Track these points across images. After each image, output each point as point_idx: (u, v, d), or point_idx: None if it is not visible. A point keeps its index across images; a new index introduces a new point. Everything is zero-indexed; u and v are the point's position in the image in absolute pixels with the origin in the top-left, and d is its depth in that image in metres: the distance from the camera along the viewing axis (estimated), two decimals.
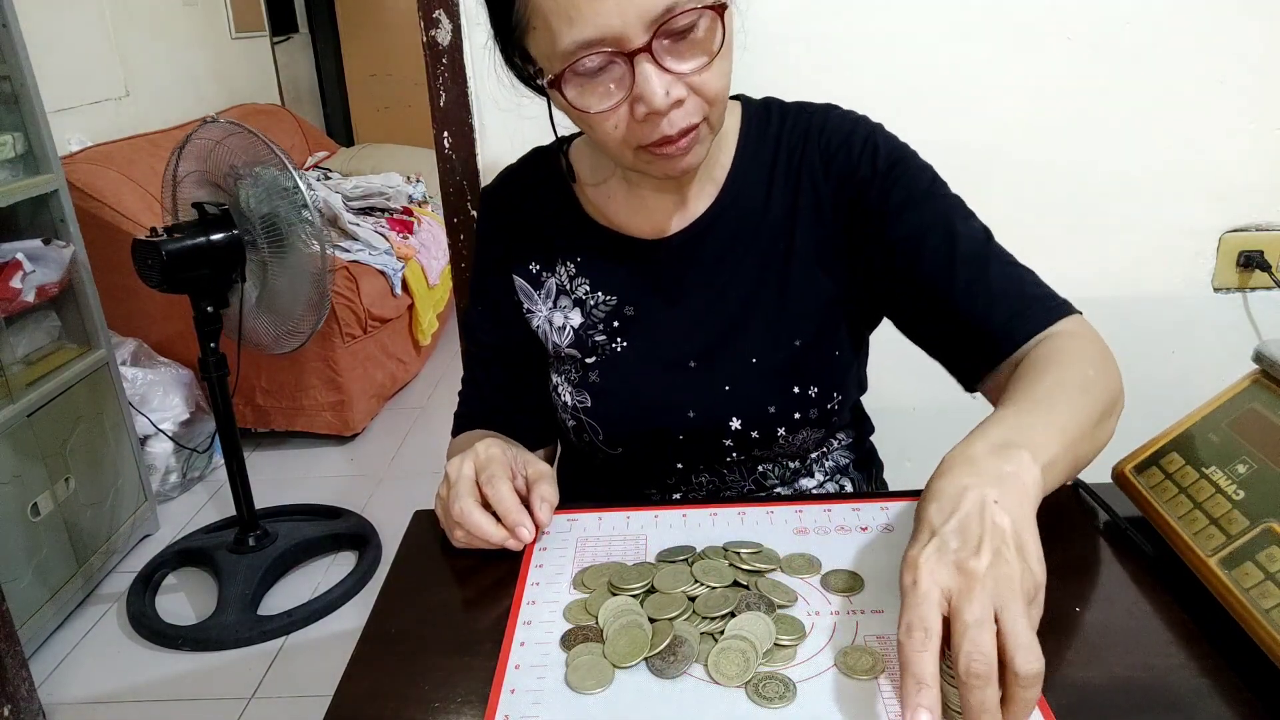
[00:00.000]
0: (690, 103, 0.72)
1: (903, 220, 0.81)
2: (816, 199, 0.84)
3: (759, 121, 0.88)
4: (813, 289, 0.85)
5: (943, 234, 0.80)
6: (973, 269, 0.79)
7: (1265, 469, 0.64)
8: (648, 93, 0.69)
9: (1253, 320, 1.32)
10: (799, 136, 0.86)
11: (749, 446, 0.87)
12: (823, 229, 0.84)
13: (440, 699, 0.58)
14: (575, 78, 0.70)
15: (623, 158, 0.76)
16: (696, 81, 0.71)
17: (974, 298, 0.78)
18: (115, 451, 2.26)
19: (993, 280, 0.79)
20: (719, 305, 0.86)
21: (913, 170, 0.83)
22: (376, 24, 5.14)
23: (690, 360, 0.86)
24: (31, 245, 2.03)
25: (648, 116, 0.71)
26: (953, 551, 0.53)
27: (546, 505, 0.73)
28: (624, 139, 0.73)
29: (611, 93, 0.71)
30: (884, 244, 0.82)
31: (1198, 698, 0.55)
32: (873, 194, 0.82)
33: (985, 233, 0.82)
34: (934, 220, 0.81)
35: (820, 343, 0.86)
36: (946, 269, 0.79)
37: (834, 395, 0.86)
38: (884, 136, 0.85)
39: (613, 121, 0.72)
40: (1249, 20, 1.17)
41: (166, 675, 1.92)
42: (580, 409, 0.89)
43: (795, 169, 0.85)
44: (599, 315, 0.88)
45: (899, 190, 0.82)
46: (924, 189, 0.83)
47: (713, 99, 0.73)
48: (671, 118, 0.71)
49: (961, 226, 0.81)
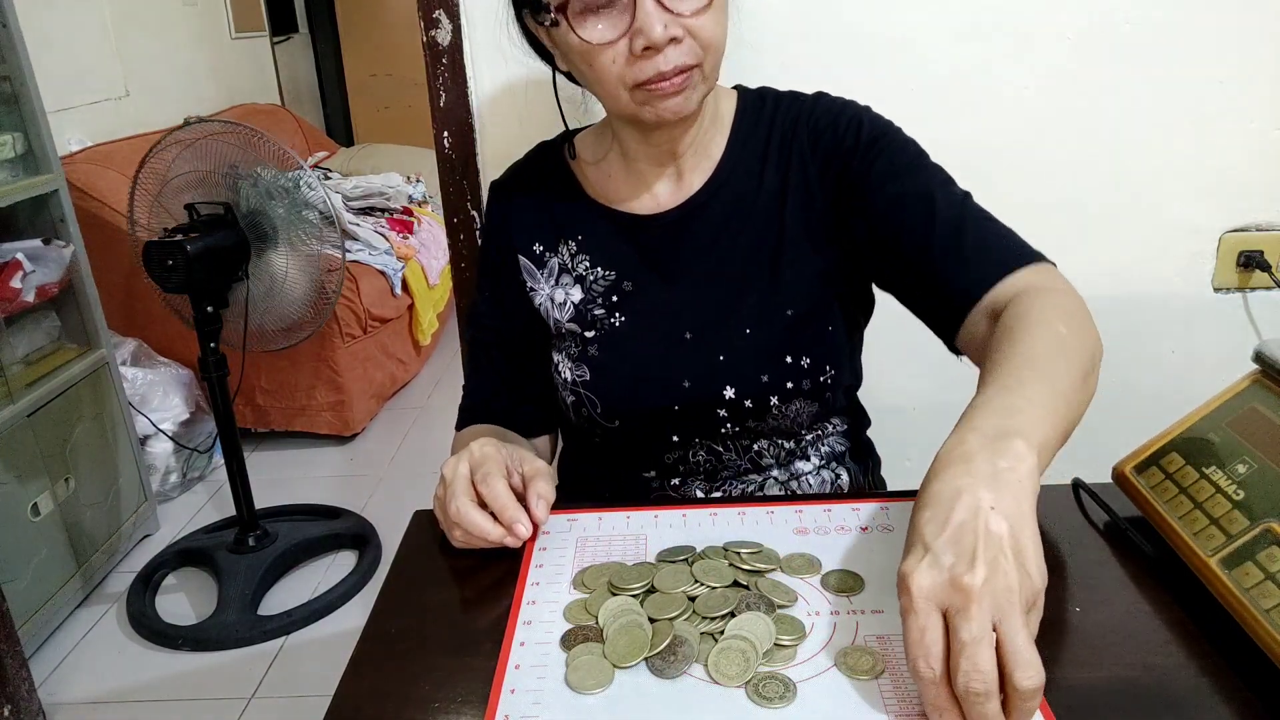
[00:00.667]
0: (686, 43, 0.77)
1: (884, 190, 0.84)
2: (805, 177, 0.88)
3: (754, 107, 0.92)
4: (804, 263, 0.88)
5: (922, 199, 0.83)
6: (948, 226, 0.81)
7: (1265, 469, 0.64)
8: (646, 25, 0.74)
9: (1253, 320, 1.32)
10: (790, 120, 0.90)
11: (743, 417, 0.88)
12: (811, 206, 0.88)
13: (440, 699, 0.58)
14: (579, 8, 0.76)
15: (619, 97, 0.80)
16: (693, 24, 0.76)
17: (947, 253, 0.80)
18: (115, 451, 2.26)
19: (966, 234, 0.81)
20: (714, 279, 0.89)
21: (896, 144, 0.86)
22: (376, 24, 5.13)
23: (685, 332, 0.89)
24: (31, 245, 2.03)
25: (645, 51, 0.75)
26: (947, 568, 0.52)
27: (543, 502, 0.74)
28: (621, 75, 0.78)
29: (613, 25, 0.76)
30: (867, 213, 0.85)
31: (1198, 698, 0.55)
32: (855, 164, 0.85)
33: (964, 195, 0.84)
34: (914, 188, 0.84)
35: (812, 315, 0.88)
36: (924, 229, 0.81)
37: (826, 368, 0.88)
38: (869, 114, 0.89)
39: (610, 55, 0.77)
40: (1249, 20, 1.17)
41: (166, 675, 1.92)
42: (579, 383, 0.91)
43: (786, 150, 0.89)
44: (598, 290, 0.91)
45: (882, 161, 0.85)
46: (907, 161, 0.86)
47: (707, 44, 0.78)
48: (667, 54, 0.76)
49: (940, 191, 0.83)
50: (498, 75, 1.20)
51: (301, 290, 2.06)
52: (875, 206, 0.84)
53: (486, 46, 1.19)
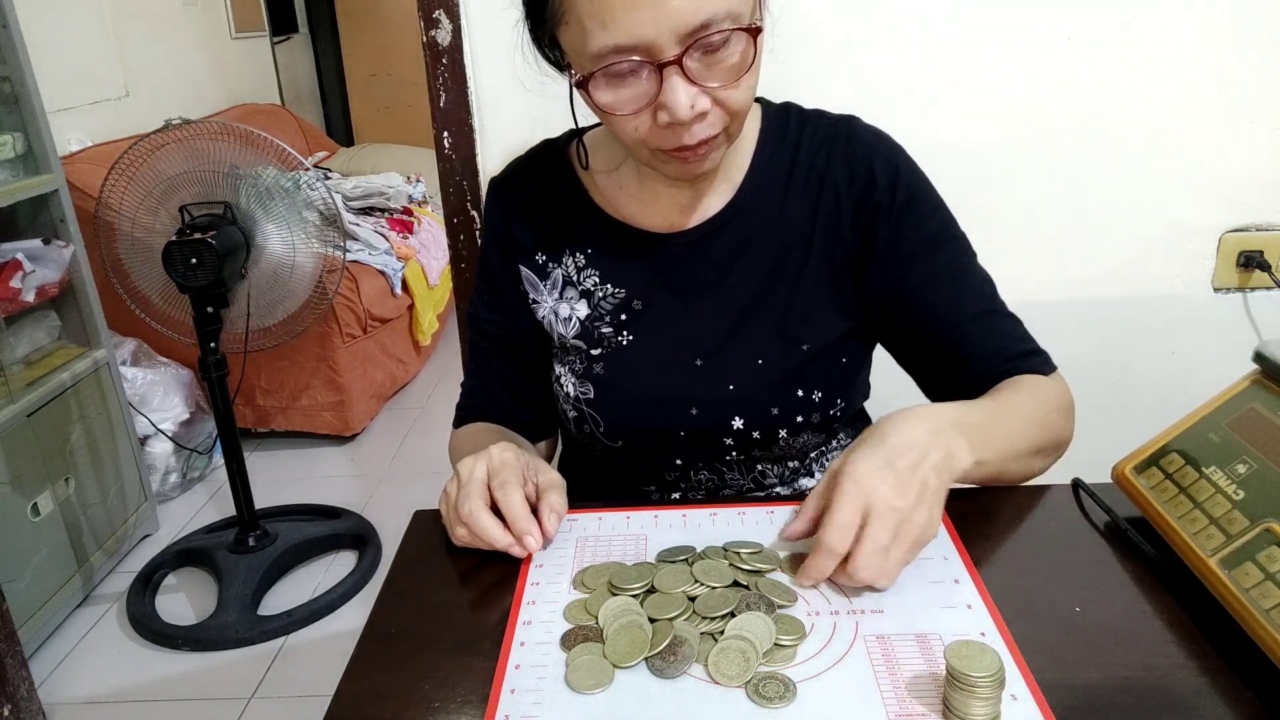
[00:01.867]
0: (713, 115, 0.73)
1: (915, 267, 0.84)
2: (838, 215, 0.85)
3: (778, 126, 0.88)
4: (824, 298, 0.86)
5: (953, 287, 0.85)
6: (978, 325, 0.84)
7: (1265, 469, 0.64)
8: (673, 104, 0.70)
9: (1253, 320, 1.32)
10: (819, 145, 0.86)
11: (749, 446, 0.87)
12: (841, 244, 0.86)
13: (440, 699, 0.58)
14: (603, 79, 0.71)
15: (639, 155, 0.78)
16: (722, 96, 0.72)
17: (974, 353, 0.84)
18: (115, 451, 2.26)
19: (993, 336, 0.84)
20: (728, 304, 0.86)
21: (927, 210, 0.86)
22: (376, 24, 5.13)
23: (696, 358, 0.87)
24: (31, 245, 2.03)
25: (670, 125, 0.72)
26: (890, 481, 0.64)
27: (555, 515, 0.73)
28: (643, 139, 0.75)
29: (637, 97, 0.71)
30: (894, 284, 0.85)
31: (1198, 698, 0.55)
32: (888, 224, 0.84)
33: (989, 284, 0.87)
34: (945, 271, 0.85)
35: (828, 350, 0.86)
36: (954, 325, 0.84)
37: (838, 401, 0.87)
38: (904, 159, 0.86)
39: (634, 124, 0.73)
40: (1249, 20, 1.17)
41: (166, 675, 1.92)
42: (583, 400, 0.89)
43: (817, 178, 0.86)
44: (606, 308, 0.88)
45: (912, 232, 0.84)
46: (936, 233, 0.85)
47: (735, 113, 0.74)
48: (693, 129, 0.72)
49: (970, 278, 0.86)
50: (498, 75, 1.20)
51: (302, 290, 2.06)
52: (903, 282, 0.85)
53: (486, 46, 1.19)
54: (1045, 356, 0.86)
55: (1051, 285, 1.28)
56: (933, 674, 0.57)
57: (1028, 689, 0.56)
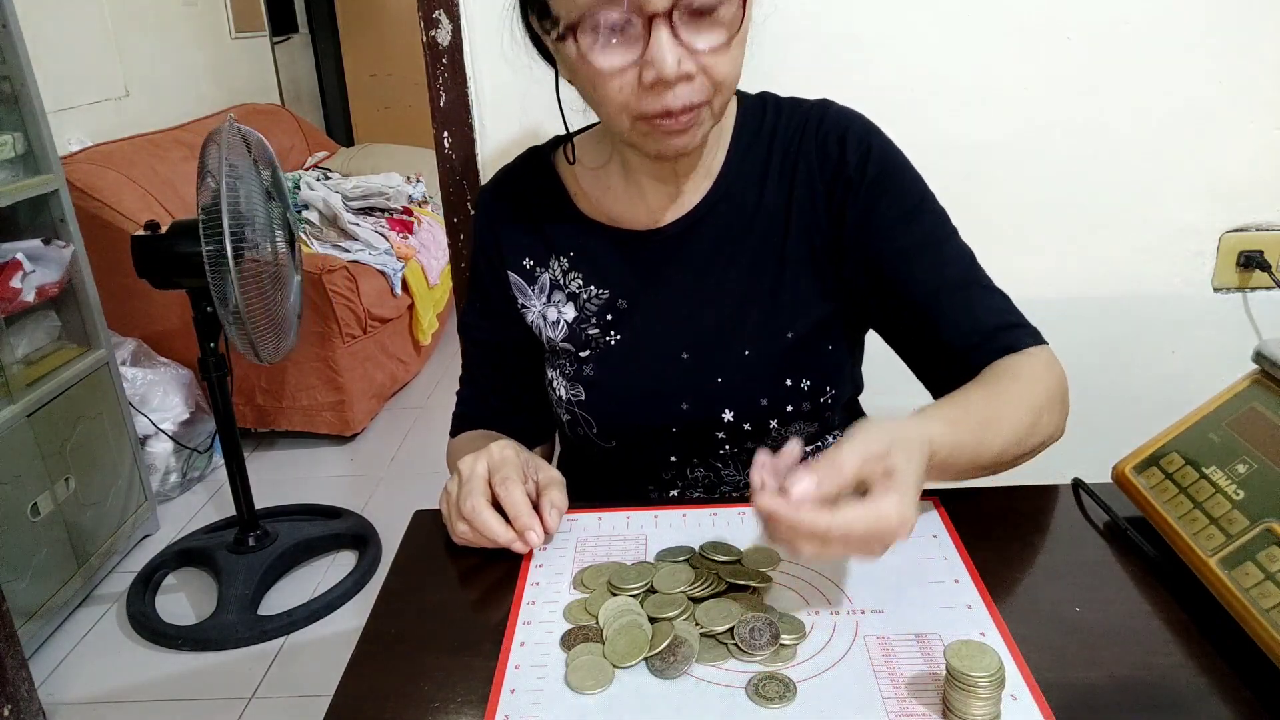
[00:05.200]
0: (698, 81, 0.72)
1: (891, 237, 0.83)
2: (811, 196, 0.85)
3: (754, 115, 0.88)
4: (806, 284, 0.86)
5: (931, 256, 0.82)
6: (957, 295, 0.82)
7: (1265, 469, 0.64)
8: (659, 59, 0.69)
9: (1253, 320, 1.32)
10: (794, 131, 0.86)
11: (741, 439, 0.88)
12: (817, 228, 0.85)
13: (440, 699, 0.58)
14: (591, 30, 0.71)
15: (620, 124, 0.76)
16: (708, 61, 0.71)
17: (957, 324, 0.81)
18: (115, 451, 2.26)
19: (975, 307, 0.82)
20: (712, 297, 0.86)
21: (903, 182, 0.85)
22: (376, 24, 5.13)
23: (683, 352, 0.87)
24: (31, 245, 2.03)
25: (654, 84, 0.71)
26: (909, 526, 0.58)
27: (556, 511, 0.73)
28: (625, 104, 0.73)
29: (623, 54, 0.71)
30: (871, 258, 0.84)
31: (1198, 698, 0.55)
32: (860, 199, 0.83)
33: (970, 256, 0.85)
34: (922, 241, 0.83)
35: (813, 337, 0.86)
36: (933, 294, 0.82)
37: (826, 389, 0.87)
38: (878, 139, 0.85)
39: (618, 83, 0.72)
40: (1249, 20, 1.17)
41: (166, 675, 1.92)
42: (574, 402, 0.89)
43: (791, 164, 0.86)
44: (592, 309, 0.89)
45: (887, 202, 0.83)
46: (914, 204, 0.84)
47: (720, 82, 0.73)
48: (677, 91, 0.72)
49: (949, 249, 0.84)
50: (498, 75, 1.20)
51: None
52: (880, 252, 0.83)
53: (486, 46, 1.19)
54: (1030, 329, 0.82)
55: (1051, 284, 1.28)
56: (933, 674, 0.57)
57: (1027, 689, 0.56)
